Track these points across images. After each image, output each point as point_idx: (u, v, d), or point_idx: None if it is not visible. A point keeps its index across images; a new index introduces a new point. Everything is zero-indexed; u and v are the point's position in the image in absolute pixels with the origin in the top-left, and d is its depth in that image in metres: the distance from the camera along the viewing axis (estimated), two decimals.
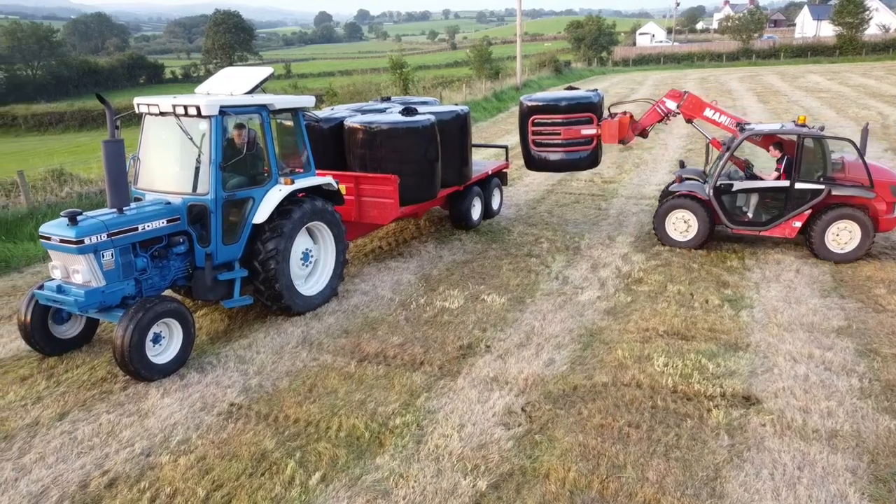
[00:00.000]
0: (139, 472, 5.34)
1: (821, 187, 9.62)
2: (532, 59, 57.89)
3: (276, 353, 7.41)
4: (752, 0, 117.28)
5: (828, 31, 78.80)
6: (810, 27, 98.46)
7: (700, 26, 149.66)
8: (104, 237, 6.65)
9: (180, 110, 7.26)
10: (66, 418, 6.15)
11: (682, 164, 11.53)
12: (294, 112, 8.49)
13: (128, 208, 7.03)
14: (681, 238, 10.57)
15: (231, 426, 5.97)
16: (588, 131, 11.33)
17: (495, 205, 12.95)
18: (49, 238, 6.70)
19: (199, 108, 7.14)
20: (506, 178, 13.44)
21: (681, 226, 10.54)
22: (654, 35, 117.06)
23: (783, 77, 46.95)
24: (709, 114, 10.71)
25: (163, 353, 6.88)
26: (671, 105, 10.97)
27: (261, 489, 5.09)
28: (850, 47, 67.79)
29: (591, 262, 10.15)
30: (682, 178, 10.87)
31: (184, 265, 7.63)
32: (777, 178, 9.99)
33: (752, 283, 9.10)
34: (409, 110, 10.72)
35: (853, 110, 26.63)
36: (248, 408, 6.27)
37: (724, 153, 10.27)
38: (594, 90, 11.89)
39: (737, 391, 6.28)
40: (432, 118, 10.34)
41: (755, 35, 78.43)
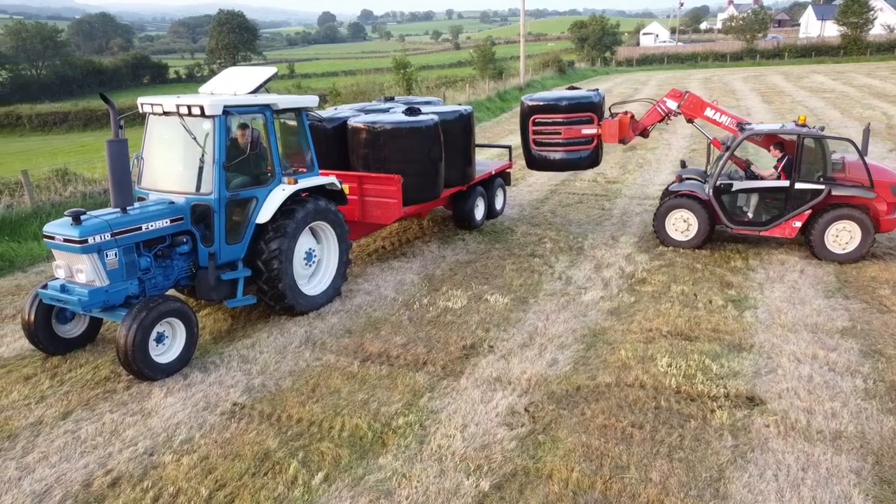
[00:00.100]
0: (142, 472, 5.34)
1: (821, 187, 9.59)
2: (535, 59, 57.89)
3: (280, 353, 7.41)
4: (756, 0, 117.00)
5: (832, 31, 78.55)
6: (814, 27, 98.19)
7: (704, 26, 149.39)
8: (108, 237, 6.66)
9: (184, 110, 7.26)
10: (69, 417, 6.16)
11: (684, 164, 11.52)
12: (297, 112, 8.49)
13: (131, 208, 7.03)
14: (681, 238, 10.56)
15: (234, 426, 5.98)
16: (588, 131, 11.34)
17: (498, 205, 12.94)
18: (53, 237, 6.71)
19: (202, 108, 7.14)
20: (509, 178, 13.43)
21: (681, 225, 10.53)
22: (657, 35, 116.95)
23: (787, 77, 46.85)
24: (709, 114, 10.69)
25: (166, 352, 6.89)
26: (672, 105, 10.96)
27: (263, 489, 5.10)
28: (854, 47, 67.62)
29: (594, 263, 10.13)
30: (681, 177, 10.87)
31: (187, 265, 7.64)
32: (774, 176, 9.97)
33: (756, 283, 9.08)
34: (412, 110, 10.72)
35: (857, 110, 26.56)
36: (251, 407, 6.28)
37: (724, 153, 10.26)
38: (595, 90, 11.90)
39: (740, 392, 6.26)
40: (436, 118, 10.34)
41: (759, 35, 78.29)
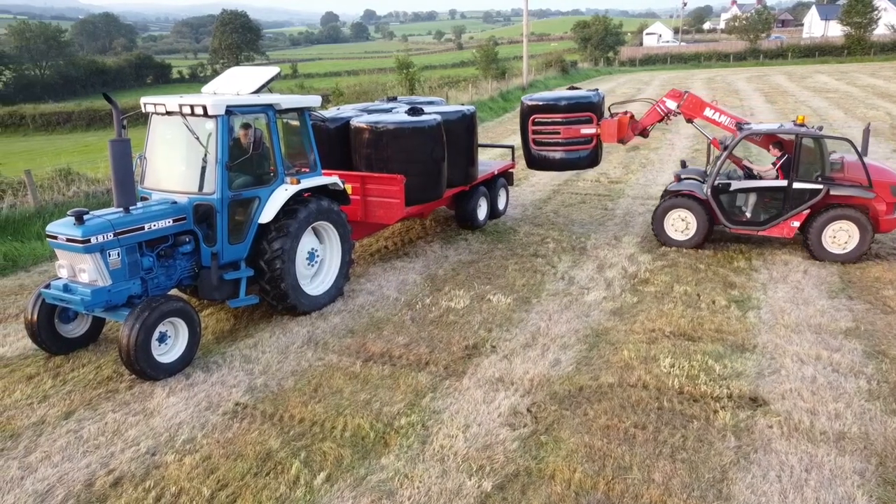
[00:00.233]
0: (144, 472, 5.35)
1: (819, 187, 9.57)
2: (538, 59, 57.82)
3: (282, 353, 7.41)
4: (759, 0, 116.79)
5: (836, 31, 78.38)
6: (818, 27, 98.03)
7: (707, 26, 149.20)
8: (110, 236, 6.66)
9: (187, 110, 7.26)
10: (71, 417, 6.17)
11: (684, 164, 11.51)
12: (300, 112, 8.50)
13: (134, 208, 7.03)
14: (680, 237, 10.55)
15: (236, 426, 5.98)
16: (587, 130, 11.36)
17: (501, 205, 12.93)
18: (56, 237, 6.71)
19: (205, 108, 7.14)
20: (512, 178, 13.42)
21: (680, 225, 10.52)
22: (660, 35, 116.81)
23: (791, 77, 46.75)
24: (709, 113, 10.68)
25: (168, 352, 6.89)
26: (671, 105, 10.96)
27: (265, 489, 5.09)
28: (858, 47, 67.43)
29: (597, 263, 10.12)
30: (680, 177, 10.87)
31: (190, 264, 7.65)
32: (771, 171, 9.95)
33: (760, 283, 9.05)
34: (415, 110, 10.72)
35: (861, 110, 26.49)
36: (253, 407, 6.28)
37: (723, 153, 10.25)
38: (594, 90, 11.91)
39: (744, 392, 6.25)
40: (438, 118, 10.33)
41: (763, 35, 78.15)
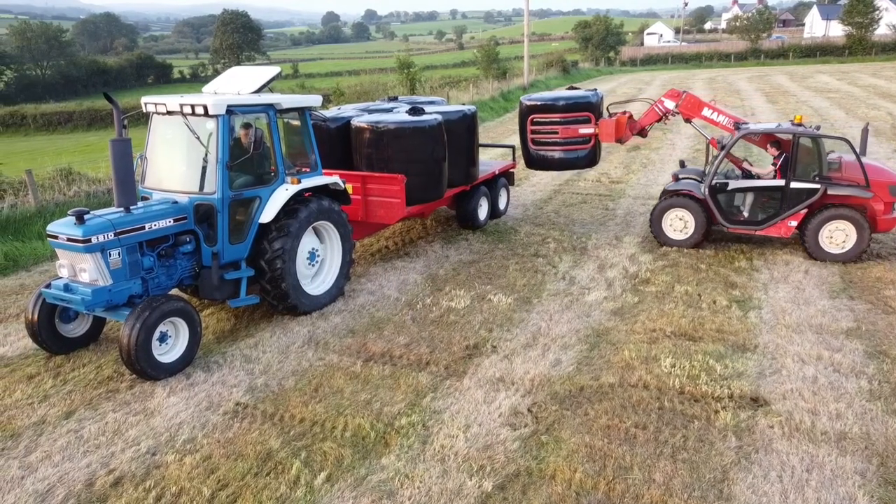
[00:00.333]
0: (145, 471, 5.34)
1: (816, 187, 9.56)
2: (539, 59, 57.83)
3: (282, 353, 7.41)
4: (760, 0, 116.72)
5: (837, 30, 78.38)
6: (819, 27, 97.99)
7: (708, 26, 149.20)
8: (111, 236, 6.66)
9: (187, 109, 7.26)
10: (72, 417, 6.17)
11: (683, 164, 11.51)
12: (301, 111, 8.50)
13: (135, 207, 7.03)
14: (678, 237, 10.55)
15: (237, 425, 5.98)
16: (585, 130, 11.37)
17: (502, 205, 12.93)
18: (56, 237, 6.71)
19: (206, 108, 7.15)
20: (512, 178, 13.41)
21: (678, 224, 10.52)
22: (662, 35, 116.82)
23: (792, 77, 46.72)
24: (707, 113, 10.67)
25: (169, 351, 6.89)
26: (669, 105, 10.96)
27: (266, 489, 5.09)
28: (859, 47, 67.40)
29: (598, 263, 10.11)
30: (677, 177, 10.87)
31: (190, 264, 7.65)
32: (772, 174, 9.95)
33: (761, 283, 9.04)
34: (416, 110, 10.72)
35: (863, 110, 26.45)
36: (253, 407, 6.28)
37: (720, 152, 10.25)
38: (593, 90, 11.92)
39: (745, 392, 6.24)
40: (439, 118, 10.33)
41: (764, 35, 78.12)
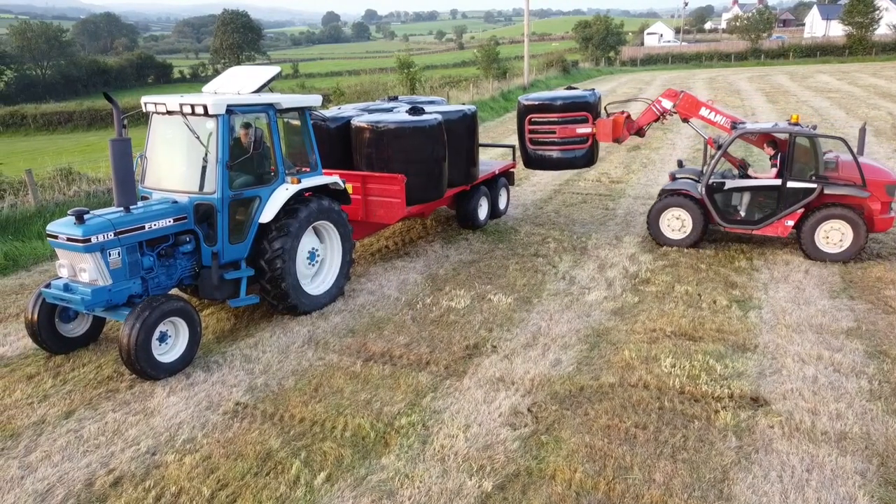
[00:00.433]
0: (144, 471, 5.34)
1: (813, 186, 9.56)
2: (540, 58, 57.84)
3: (282, 353, 7.40)
4: (760, 0, 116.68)
5: (837, 30, 78.39)
6: (820, 27, 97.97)
7: (708, 26, 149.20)
8: (111, 236, 6.66)
9: (187, 109, 7.26)
10: (72, 417, 6.17)
11: (681, 164, 11.52)
12: (301, 111, 8.50)
13: (134, 207, 7.03)
14: (675, 236, 10.55)
15: (236, 425, 5.97)
16: (583, 130, 11.38)
17: (502, 204, 12.92)
18: (56, 236, 6.71)
19: (206, 108, 7.14)
20: (513, 178, 13.40)
21: (675, 224, 10.52)
22: (662, 35, 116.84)
23: (792, 77, 46.70)
24: (704, 113, 10.68)
25: (169, 351, 6.89)
26: (667, 104, 10.97)
27: (266, 489, 5.09)
28: (860, 47, 67.42)
29: (598, 263, 10.11)
30: (674, 176, 10.87)
31: (190, 264, 7.65)
32: (774, 174, 9.94)
33: (761, 283, 9.04)
34: (416, 110, 10.71)
35: (863, 110, 26.43)
36: (253, 407, 6.27)
37: (717, 152, 10.25)
38: (591, 90, 11.95)
39: (745, 392, 6.23)
40: (439, 118, 10.32)
41: (764, 35, 78.12)
